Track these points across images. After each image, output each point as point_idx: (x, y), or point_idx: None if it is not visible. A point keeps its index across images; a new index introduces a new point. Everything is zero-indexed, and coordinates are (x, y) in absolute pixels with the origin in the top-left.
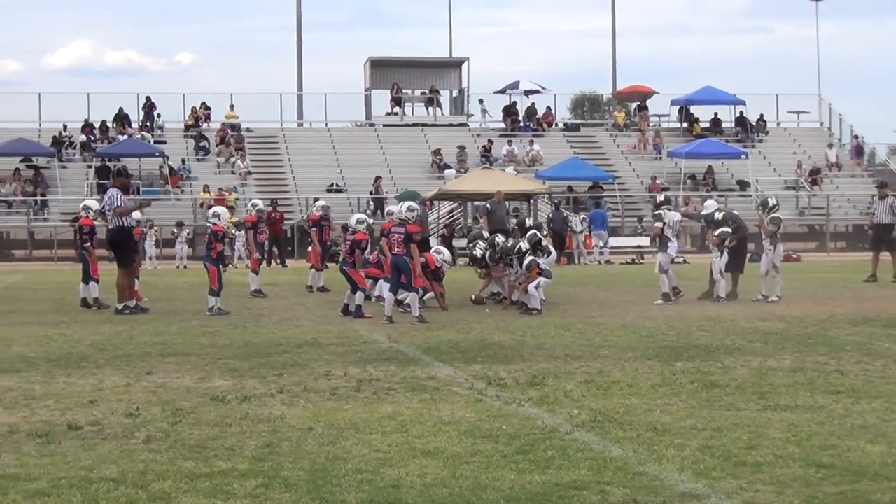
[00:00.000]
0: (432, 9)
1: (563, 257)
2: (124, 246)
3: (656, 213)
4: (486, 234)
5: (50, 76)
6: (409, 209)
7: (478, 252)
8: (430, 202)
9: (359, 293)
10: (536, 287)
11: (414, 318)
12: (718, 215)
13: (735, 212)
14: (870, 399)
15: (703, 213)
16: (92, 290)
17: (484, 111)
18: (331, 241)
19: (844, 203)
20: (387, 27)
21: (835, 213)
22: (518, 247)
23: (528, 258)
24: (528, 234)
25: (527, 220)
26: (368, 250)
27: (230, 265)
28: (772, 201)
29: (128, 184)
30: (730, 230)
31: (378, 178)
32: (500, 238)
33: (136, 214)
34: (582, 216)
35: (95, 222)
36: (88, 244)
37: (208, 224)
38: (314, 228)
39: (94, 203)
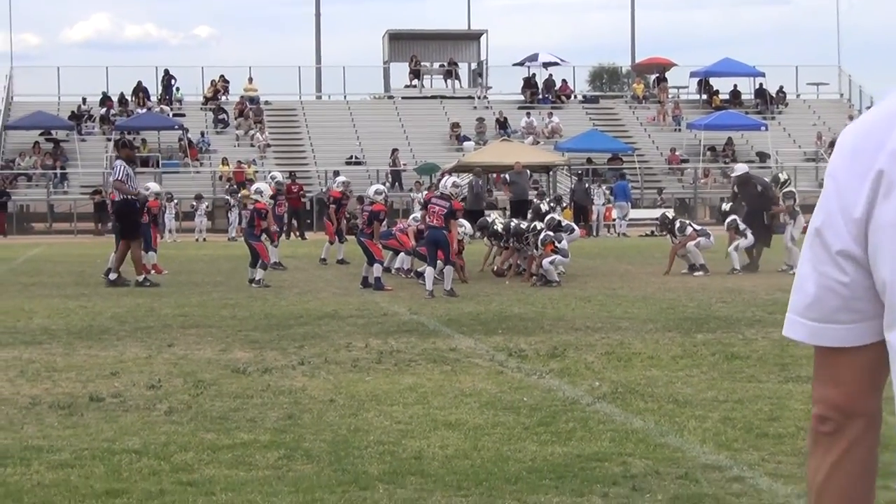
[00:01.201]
0: None
1: (583, 229)
2: (129, 218)
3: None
4: (492, 217)
5: (69, 50)
6: (455, 185)
7: (498, 227)
8: (448, 174)
9: (376, 265)
10: (551, 262)
11: (445, 291)
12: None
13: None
14: None
15: (733, 175)
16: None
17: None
18: (348, 213)
19: None
20: None
21: None
22: (533, 225)
23: (543, 233)
24: (546, 220)
25: (542, 204)
26: (386, 222)
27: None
28: (783, 176)
29: (133, 154)
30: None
31: (395, 151)
32: (514, 222)
33: (155, 186)
34: (604, 188)
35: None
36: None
37: (251, 200)
38: (333, 206)
39: (154, 186)
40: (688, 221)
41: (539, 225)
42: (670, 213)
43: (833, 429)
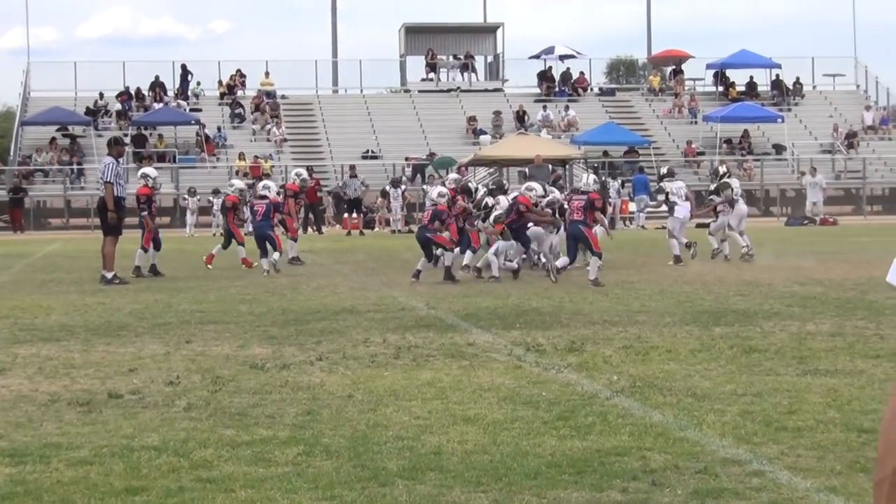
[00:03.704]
0: None
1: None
2: (105, 216)
3: (659, 185)
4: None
5: (86, 45)
6: (595, 181)
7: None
8: (465, 168)
9: (447, 254)
10: (495, 253)
11: (590, 281)
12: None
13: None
14: None
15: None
16: (140, 258)
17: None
18: (366, 207)
19: (881, 166)
20: None
21: (871, 177)
22: (485, 202)
23: (496, 212)
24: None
25: (471, 183)
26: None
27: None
28: (722, 169)
29: (123, 151)
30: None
31: (408, 159)
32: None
33: (152, 171)
34: (620, 181)
35: (154, 191)
36: (146, 213)
37: (263, 195)
38: (291, 199)
39: (151, 171)
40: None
41: (490, 201)
42: (663, 170)
43: None
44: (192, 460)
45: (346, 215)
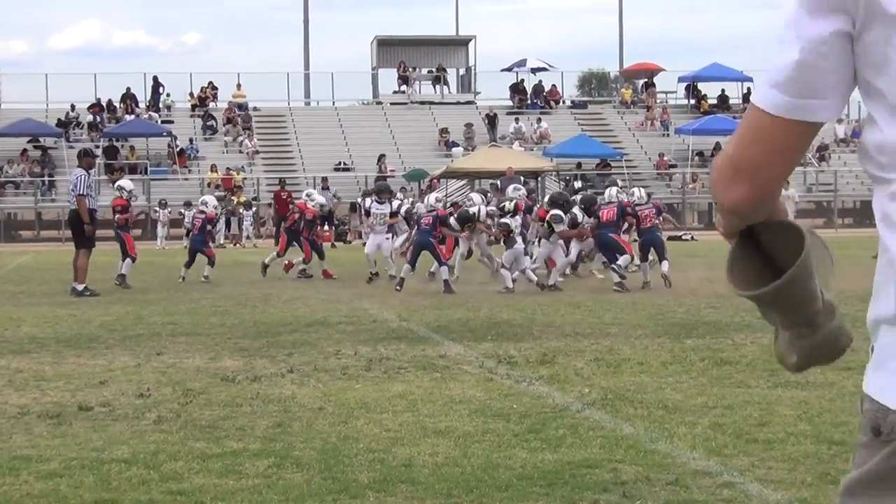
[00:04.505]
0: None
1: None
2: (79, 228)
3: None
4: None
5: (57, 57)
6: (617, 192)
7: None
8: (437, 180)
9: (443, 267)
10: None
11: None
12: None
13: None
14: None
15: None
16: (126, 267)
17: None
18: (337, 219)
19: (853, 179)
20: (393, 5)
21: (843, 189)
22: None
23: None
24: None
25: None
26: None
27: (239, 245)
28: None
29: (93, 163)
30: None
31: (382, 157)
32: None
33: (128, 184)
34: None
35: (132, 202)
36: (121, 221)
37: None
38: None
39: (128, 183)
40: None
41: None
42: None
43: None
44: (162, 473)
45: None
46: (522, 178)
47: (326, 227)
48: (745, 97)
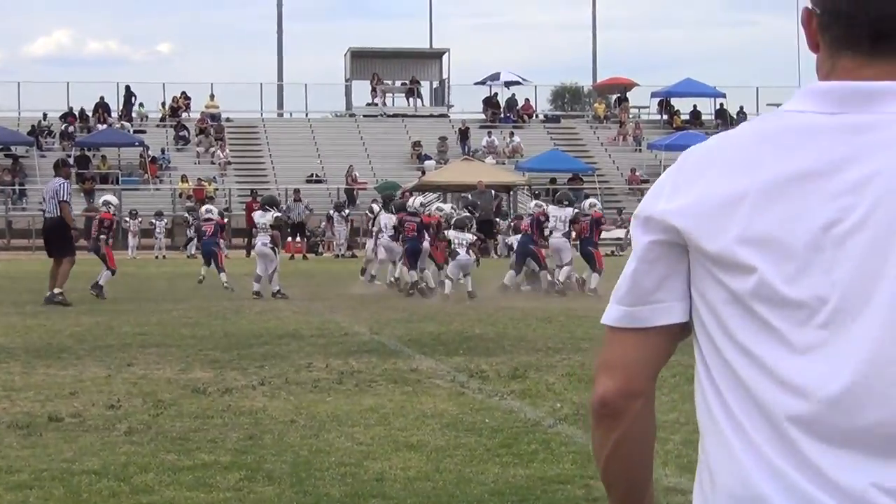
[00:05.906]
0: None
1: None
2: (61, 236)
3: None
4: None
5: (30, 65)
6: (591, 205)
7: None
8: (409, 193)
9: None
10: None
11: (590, 290)
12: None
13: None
14: None
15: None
16: (106, 278)
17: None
18: (309, 231)
19: None
20: (367, 18)
21: None
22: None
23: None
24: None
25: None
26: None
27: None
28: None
29: (70, 173)
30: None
31: (350, 168)
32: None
33: (114, 199)
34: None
35: (115, 216)
36: (106, 237)
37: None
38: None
39: (113, 199)
40: None
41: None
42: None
43: (618, 411)
44: (132, 485)
45: (289, 239)
46: (493, 192)
47: (298, 239)
48: (718, 113)
